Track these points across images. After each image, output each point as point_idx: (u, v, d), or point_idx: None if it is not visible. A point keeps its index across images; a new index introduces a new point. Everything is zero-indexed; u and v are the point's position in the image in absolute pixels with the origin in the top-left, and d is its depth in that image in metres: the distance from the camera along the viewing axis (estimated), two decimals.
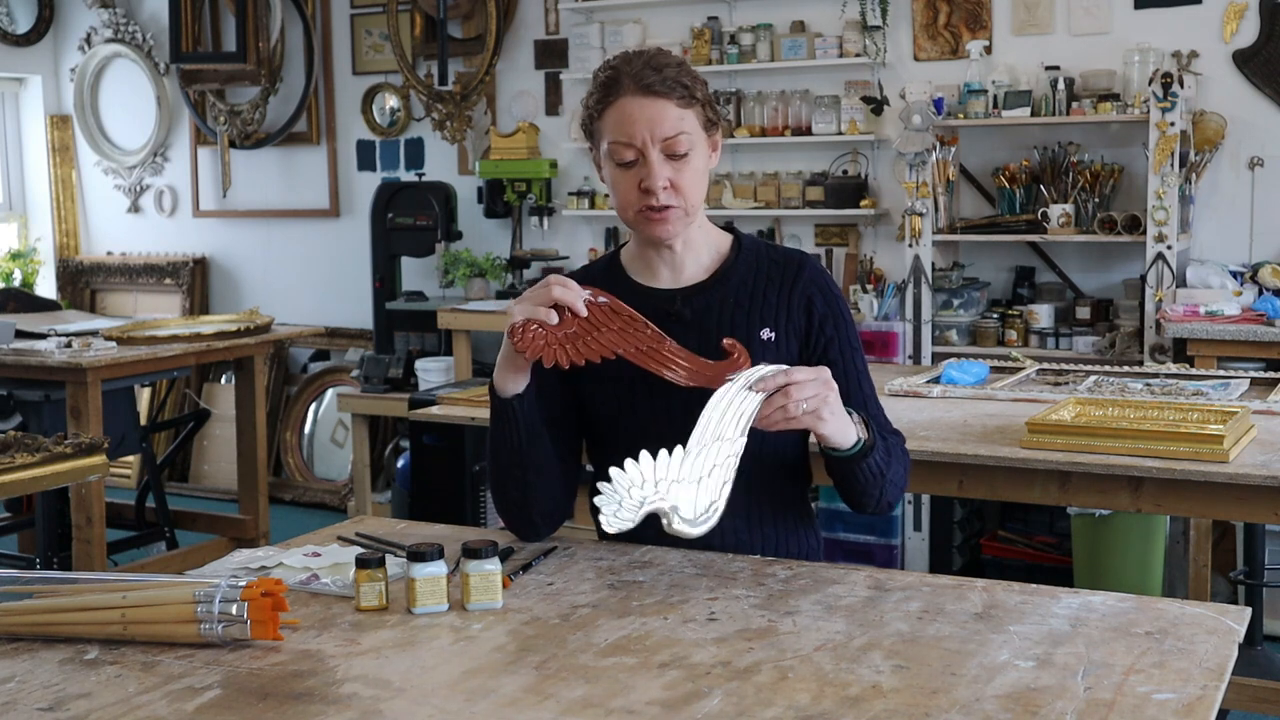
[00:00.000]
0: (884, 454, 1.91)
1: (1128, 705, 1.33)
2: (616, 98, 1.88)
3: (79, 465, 2.94)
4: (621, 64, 1.90)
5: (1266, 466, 2.39)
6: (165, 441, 6.06)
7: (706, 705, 1.36)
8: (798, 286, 1.98)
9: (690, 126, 1.89)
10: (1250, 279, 4.44)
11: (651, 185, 1.88)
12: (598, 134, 1.93)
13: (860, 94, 5.16)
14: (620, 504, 1.65)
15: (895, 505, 2.01)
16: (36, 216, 7.12)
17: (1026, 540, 4.67)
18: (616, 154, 1.89)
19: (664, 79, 1.87)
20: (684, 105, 1.89)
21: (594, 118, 1.93)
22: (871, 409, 2.00)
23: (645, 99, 1.87)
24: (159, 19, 6.67)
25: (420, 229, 5.78)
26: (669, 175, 1.88)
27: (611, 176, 1.93)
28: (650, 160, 1.87)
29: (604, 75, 1.92)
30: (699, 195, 1.94)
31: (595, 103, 1.92)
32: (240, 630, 1.54)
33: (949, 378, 3.30)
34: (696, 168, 1.91)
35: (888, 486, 1.94)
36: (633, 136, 1.87)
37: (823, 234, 5.38)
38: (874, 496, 1.95)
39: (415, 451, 5.05)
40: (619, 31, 5.54)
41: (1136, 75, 4.59)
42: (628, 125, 1.87)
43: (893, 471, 1.93)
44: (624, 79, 1.88)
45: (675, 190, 1.89)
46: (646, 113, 1.87)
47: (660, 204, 1.89)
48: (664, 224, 1.91)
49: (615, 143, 1.89)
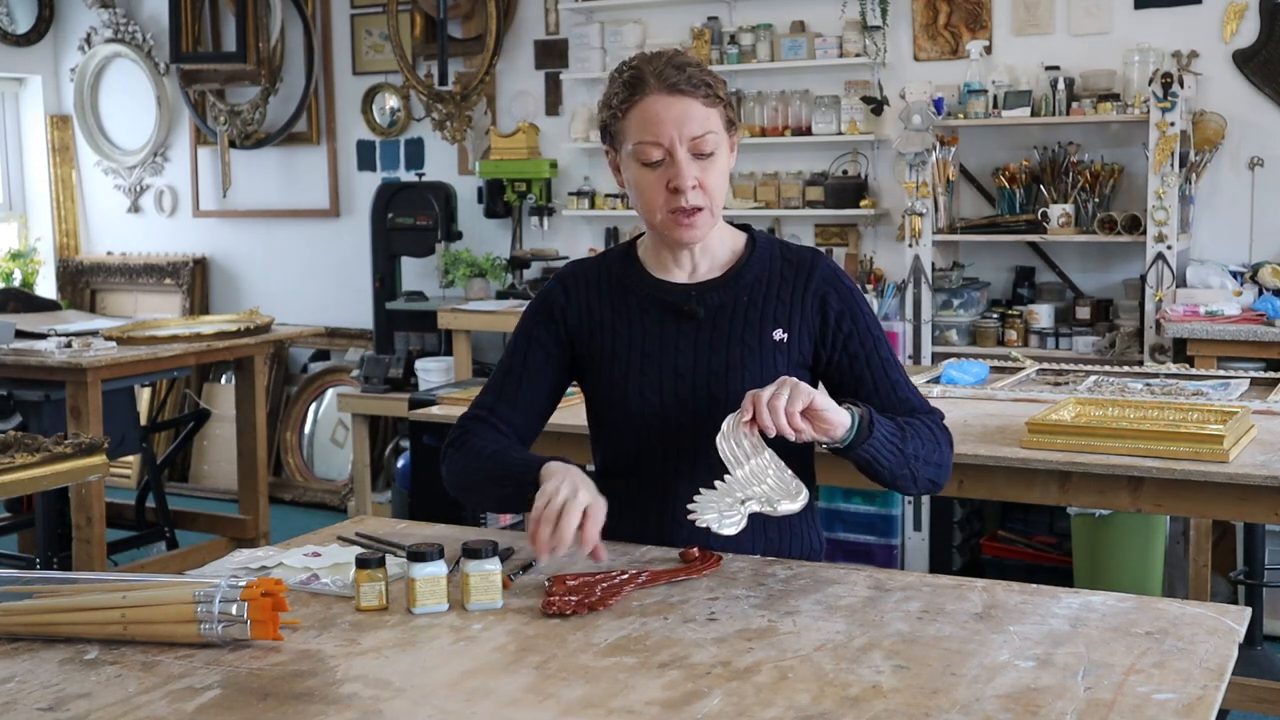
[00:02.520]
0: (894, 431, 1.85)
1: (1128, 705, 1.33)
2: (642, 97, 1.86)
3: (79, 465, 2.94)
4: (643, 64, 1.89)
5: (1266, 466, 2.39)
6: (165, 441, 6.06)
7: (706, 705, 1.36)
8: (811, 285, 1.97)
9: (715, 126, 1.88)
10: (1250, 279, 4.44)
11: (680, 185, 1.86)
12: (620, 135, 1.91)
13: (860, 94, 5.16)
14: (720, 514, 1.71)
15: (942, 482, 1.94)
16: (36, 216, 7.12)
17: (1026, 540, 4.67)
18: (643, 154, 1.87)
19: (688, 78, 1.86)
20: (709, 104, 1.88)
21: (617, 118, 1.90)
22: (901, 392, 1.96)
23: (672, 98, 1.85)
24: (159, 19, 6.67)
25: (420, 229, 5.78)
26: (697, 175, 1.87)
27: (636, 178, 1.90)
28: (679, 160, 1.86)
29: (626, 75, 1.90)
30: (723, 196, 1.93)
31: (619, 102, 1.89)
32: (240, 630, 1.54)
33: (949, 378, 3.30)
34: (721, 168, 1.90)
35: (917, 465, 1.87)
36: (660, 136, 1.85)
37: (823, 234, 5.38)
38: (907, 477, 1.88)
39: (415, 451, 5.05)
40: (619, 31, 5.54)
41: (1136, 75, 4.59)
42: (655, 125, 1.85)
43: (913, 447, 1.87)
44: (648, 78, 1.87)
45: (703, 190, 1.88)
46: (674, 112, 1.85)
47: (689, 205, 1.87)
48: (691, 228, 1.90)
49: (642, 143, 1.87)
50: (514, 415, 2.04)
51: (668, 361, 1.95)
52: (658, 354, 1.96)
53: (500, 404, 2.04)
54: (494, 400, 2.05)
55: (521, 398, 2.04)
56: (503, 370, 2.06)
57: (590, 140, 5.61)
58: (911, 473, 1.88)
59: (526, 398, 2.04)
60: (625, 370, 1.96)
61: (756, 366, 1.93)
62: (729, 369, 1.93)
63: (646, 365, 1.95)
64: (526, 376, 2.04)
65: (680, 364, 1.95)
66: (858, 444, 1.80)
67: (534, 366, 2.04)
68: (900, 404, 1.96)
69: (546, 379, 2.04)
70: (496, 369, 2.09)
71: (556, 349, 2.03)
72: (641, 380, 1.95)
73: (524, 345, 2.05)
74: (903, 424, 1.89)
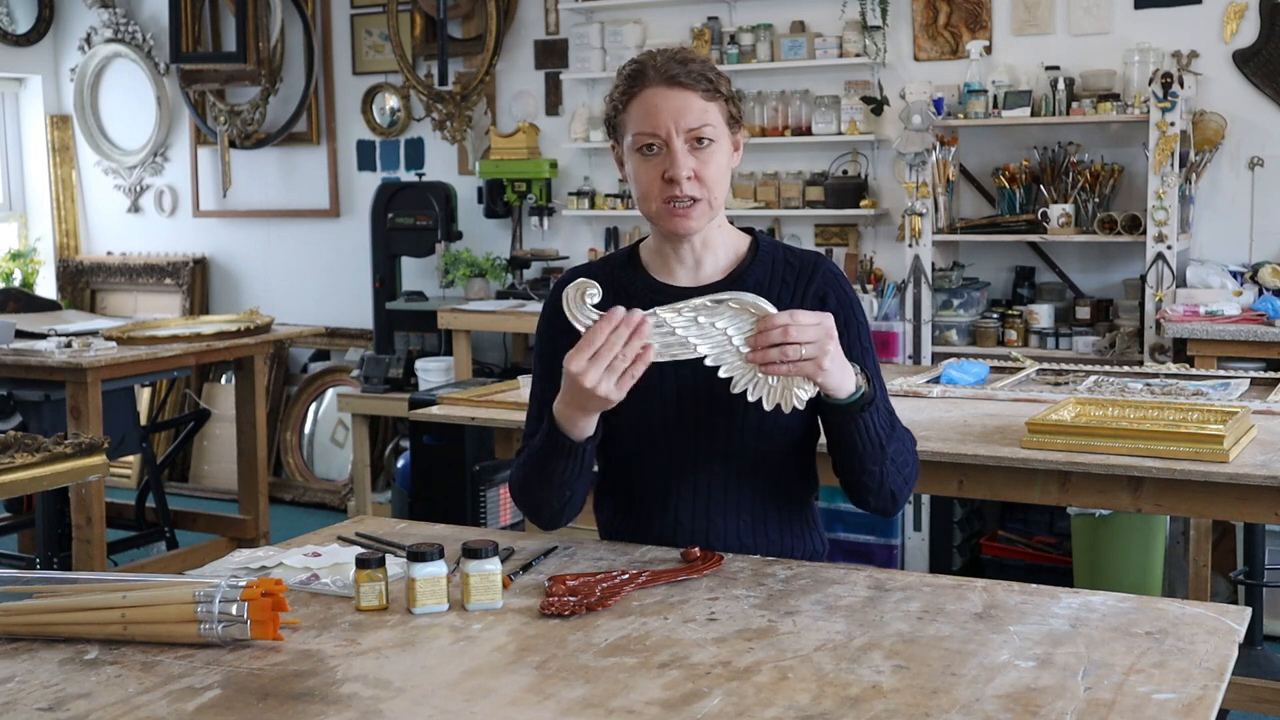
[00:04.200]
0: (885, 419, 1.87)
1: (1128, 705, 1.33)
2: (641, 89, 1.89)
3: (79, 465, 2.94)
4: (646, 58, 1.92)
5: (1266, 466, 2.39)
6: (165, 441, 6.06)
7: (706, 705, 1.36)
8: (811, 288, 1.97)
9: (714, 120, 1.89)
10: (1250, 279, 4.44)
11: (675, 174, 1.86)
12: (622, 127, 1.93)
13: (860, 94, 5.16)
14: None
15: (901, 501, 1.96)
16: (36, 216, 7.12)
17: (1026, 540, 4.67)
18: (640, 142, 1.89)
19: (689, 71, 1.88)
20: (709, 98, 1.89)
21: (618, 110, 1.92)
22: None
23: (670, 90, 1.87)
24: (159, 19, 6.67)
25: (420, 229, 5.78)
26: (693, 166, 1.87)
27: (634, 168, 1.92)
28: (674, 150, 1.87)
29: (629, 69, 1.92)
30: (722, 190, 1.93)
31: (620, 95, 1.92)
32: (240, 630, 1.54)
33: (949, 378, 3.30)
34: (720, 162, 1.91)
35: (889, 467, 1.89)
36: (657, 126, 1.87)
37: (823, 234, 5.38)
38: (875, 474, 1.89)
39: (415, 451, 5.06)
40: (619, 32, 5.54)
41: (1136, 75, 4.59)
42: (652, 115, 1.87)
43: (894, 448, 1.89)
44: (649, 71, 1.89)
45: (699, 181, 1.88)
46: (671, 103, 1.87)
47: (684, 194, 1.88)
48: (686, 219, 1.90)
49: (640, 133, 1.88)
50: None
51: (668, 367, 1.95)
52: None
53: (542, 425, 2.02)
54: (535, 428, 2.01)
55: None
56: (535, 400, 2.04)
57: (590, 140, 5.61)
58: (879, 471, 1.89)
59: None
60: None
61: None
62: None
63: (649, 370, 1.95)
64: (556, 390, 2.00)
65: (681, 369, 1.95)
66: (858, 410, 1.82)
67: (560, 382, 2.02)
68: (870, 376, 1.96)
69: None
70: (530, 399, 2.06)
71: None
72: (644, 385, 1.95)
73: (546, 365, 2.02)
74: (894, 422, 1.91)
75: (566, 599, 1.67)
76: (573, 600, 1.67)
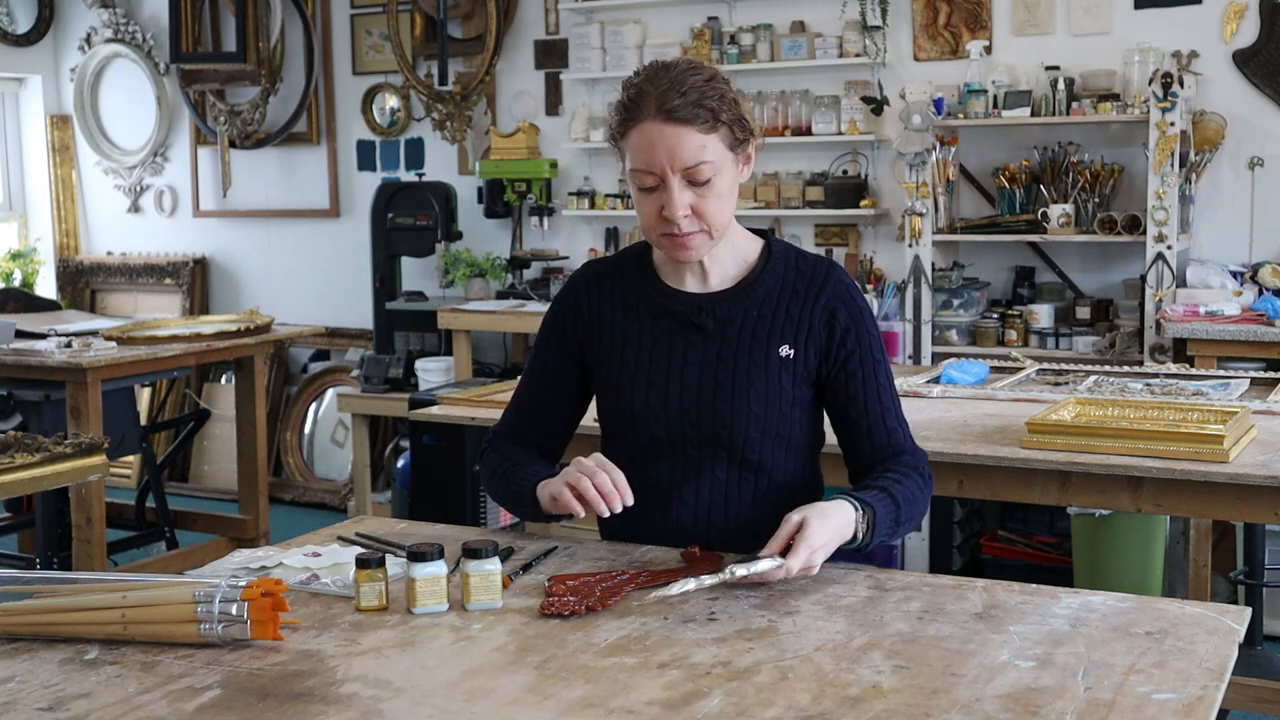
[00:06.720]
0: (890, 522, 1.87)
1: (1128, 705, 1.33)
2: (638, 121, 1.84)
3: (79, 465, 2.94)
4: (646, 83, 1.85)
5: (1266, 466, 2.39)
6: (165, 441, 6.06)
7: (706, 705, 1.36)
8: (821, 299, 1.95)
9: (714, 153, 1.85)
10: (1250, 279, 4.44)
11: (672, 214, 1.84)
12: (621, 151, 1.91)
13: (860, 94, 5.16)
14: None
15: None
16: (36, 216, 7.12)
17: (1026, 540, 4.67)
18: (638, 179, 1.87)
19: (687, 103, 1.82)
20: (707, 131, 1.84)
21: (616, 137, 1.90)
22: (890, 422, 1.98)
23: (666, 126, 1.82)
24: (159, 19, 6.67)
25: (420, 229, 5.78)
26: (690, 201, 1.85)
27: (635, 197, 1.91)
28: (671, 188, 1.84)
29: (628, 94, 1.87)
30: (724, 217, 1.90)
31: (618, 123, 1.88)
32: (240, 630, 1.54)
33: (949, 378, 3.30)
34: (720, 192, 1.87)
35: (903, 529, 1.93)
36: (652, 165, 1.84)
37: (823, 234, 5.38)
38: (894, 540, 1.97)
39: (415, 451, 5.05)
40: (619, 32, 5.54)
41: (1136, 75, 4.59)
42: (648, 152, 1.83)
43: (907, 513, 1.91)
44: (647, 101, 1.83)
45: (697, 216, 1.86)
46: (667, 141, 1.82)
47: (682, 231, 1.86)
48: (685, 249, 1.90)
49: (635, 170, 1.86)
50: (533, 429, 2.08)
51: (674, 372, 1.95)
52: (665, 363, 1.96)
53: (519, 418, 2.10)
54: (514, 415, 2.11)
55: (540, 411, 2.08)
56: (522, 385, 2.11)
57: (590, 140, 5.61)
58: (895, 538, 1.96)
59: (545, 410, 2.08)
60: (633, 377, 1.96)
61: (762, 383, 1.92)
62: (735, 384, 1.93)
63: (654, 374, 1.96)
64: (543, 388, 2.07)
65: (687, 375, 1.95)
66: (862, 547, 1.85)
67: (549, 377, 2.07)
68: (886, 434, 1.97)
69: (563, 388, 2.06)
70: (518, 383, 2.13)
71: (569, 358, 2.05)
72: (648, 389, 1.96)
73: (539, 357, 2.08)
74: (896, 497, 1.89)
75: (566, 599, 1.68)
76: (573, 600, 1.67)
